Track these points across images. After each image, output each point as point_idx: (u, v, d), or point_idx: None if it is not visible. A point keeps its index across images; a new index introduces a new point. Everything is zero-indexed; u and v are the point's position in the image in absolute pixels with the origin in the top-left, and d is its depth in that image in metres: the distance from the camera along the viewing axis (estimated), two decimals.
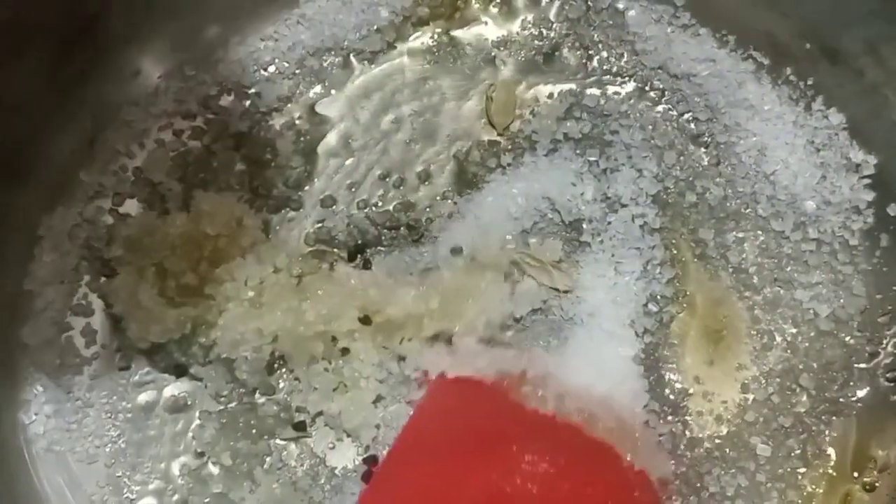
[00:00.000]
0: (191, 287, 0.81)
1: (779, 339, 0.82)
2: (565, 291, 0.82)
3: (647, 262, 0.82)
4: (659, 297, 0.82)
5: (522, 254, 0.83)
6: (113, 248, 0.84)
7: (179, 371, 0.83)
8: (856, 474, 0.80)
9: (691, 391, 0.81)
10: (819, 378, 0.81)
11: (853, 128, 0.85)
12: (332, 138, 0.89)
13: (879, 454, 0.80)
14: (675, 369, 0.81)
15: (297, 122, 0.89)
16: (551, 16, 0.91)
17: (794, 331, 0.82)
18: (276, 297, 0.81)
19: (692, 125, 0.87)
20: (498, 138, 0.88)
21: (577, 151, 0.86)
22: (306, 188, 0.88)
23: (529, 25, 0.91)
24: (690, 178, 0.86)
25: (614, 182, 0.84)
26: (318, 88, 0.90)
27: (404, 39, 0.92)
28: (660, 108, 0.88)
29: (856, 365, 0.82)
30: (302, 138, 0.89)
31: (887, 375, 0.81)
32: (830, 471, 0.79)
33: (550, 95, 0.89)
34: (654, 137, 0.87)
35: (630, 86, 0.89)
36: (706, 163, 0.86)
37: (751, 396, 0.81)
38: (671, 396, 0.81)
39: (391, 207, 0.87)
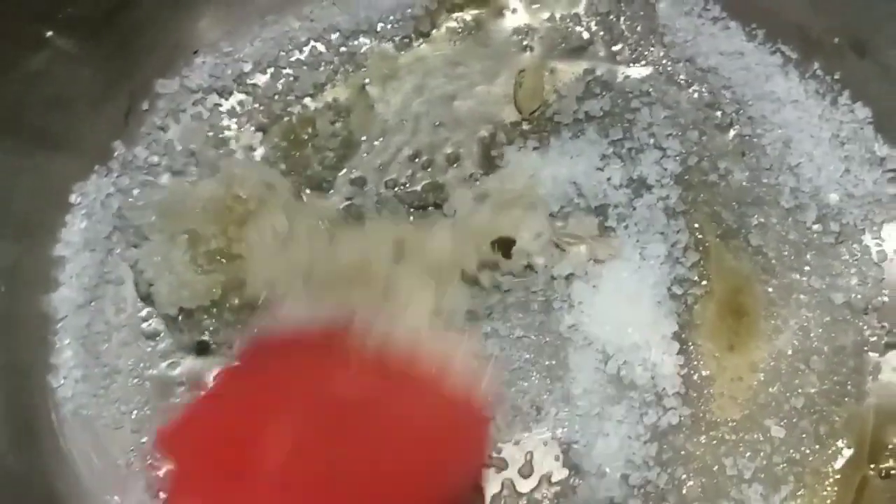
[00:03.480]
0: (220, 250, 0.82)
1: (792, 322, 0.83)
2: (608, 259, 0.83)
3: (671, 246, 0.83)
4: (683, 280, 0.83)
5: (560, 233, 0.84)
6: (145, 215, 0.85)
7: (201, 347, 0.84)
8: (872, 463, 0.80)
9: (713, 374, 0.82)
10: (830, 361, 0.82)
11: (878, 122, 0.86)
12: (365, 120, 0.90)
13: None
14: (699, 352, 0.82)
15: (333, 103, 0.90)
16: (581, 6, 0.93)
17: (808, 315, 0.83)
18: (306, 238, 0.82)
19: (718, 114, 0.89)
20: (523, 122, 0.90)
21: (601, 133, 0.87)
22: (343, 171, 0.89)
23: (559, 15, 0.92)
24: (714, 158, 0.87)
25: (639, 164, 0.86)
26: (352, 71, 0.92)
27: (438, 25, 0.93)
28: (684, 93, 0.89)
29: (870, 353, 0.82)
30: (339, 120, 0.90)
31: None
32: (844, 452, 0.80)
33: (571, 74, 0.90)
34: (677, 115, 0.88)
35: (654, 70, 0.90)
36: (730, 148, 0.88)
37: (764, 378, 0.82)
38: (696, 380, 0.82)
39: (419, 188, 0.88)
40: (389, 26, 0.92)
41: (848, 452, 0.80)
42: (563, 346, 0.82)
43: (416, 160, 0.89)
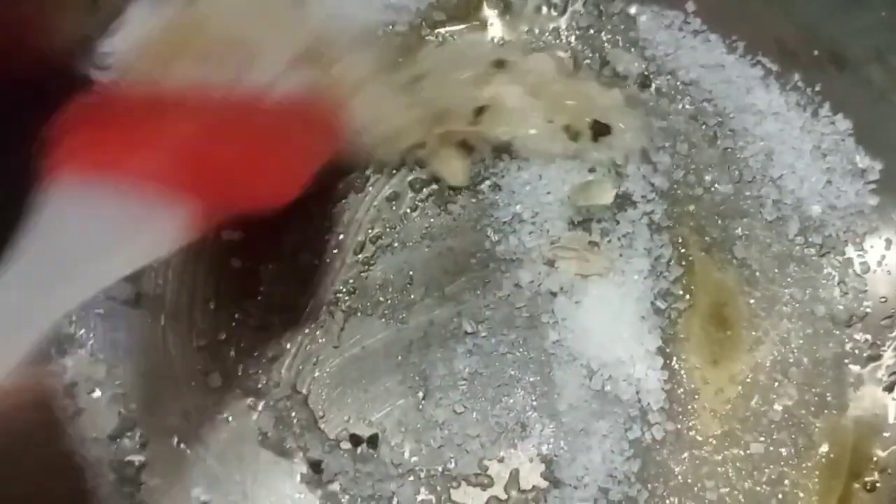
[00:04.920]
0: None
1: (773, 334, 0.83)
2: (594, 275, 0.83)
3: (655, 260, 0.84)
4: (667, 294, 0.83)
5: (554, 247, 0.84)
6: None
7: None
8: (856, 476, 0.81)
9: (696, 389, 0.82)
10: (810, 373, 0.82)
11: (859, 134, 0.86)
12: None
13: (880, 455, 0.81)
14: (683, 367, 0.83)
15: None
16: (563, 22, 0.93)
17: (789, 326, 0.83)
18: None
19: (702, 127, 0.89)
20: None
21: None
22: None
23: (538, 30, 0.93)
24: (700, 171, 0.87)
25: (626, 180, 0.86)
26: None
27: (420, 45, 0.93)
28: (671, 108, 0.90)
29: (851, 366, 0.83)
30: None
31: (889, 378, 0.83)
32: (825, 464, 0.80)
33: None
34: (668, 127, 0.89)
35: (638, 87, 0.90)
36: (715, 162, 0.88)
37: (743, 391, 0.82)
38: (681, 394, 0.82)
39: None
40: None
41: (827, 461, 0.81)
42: (548, 362, 0.83)
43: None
